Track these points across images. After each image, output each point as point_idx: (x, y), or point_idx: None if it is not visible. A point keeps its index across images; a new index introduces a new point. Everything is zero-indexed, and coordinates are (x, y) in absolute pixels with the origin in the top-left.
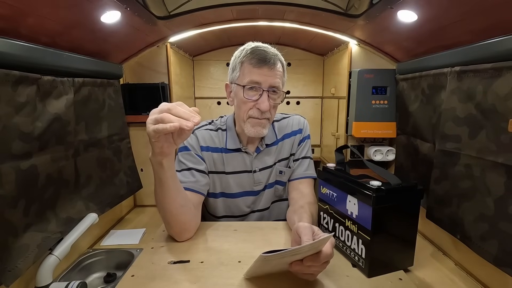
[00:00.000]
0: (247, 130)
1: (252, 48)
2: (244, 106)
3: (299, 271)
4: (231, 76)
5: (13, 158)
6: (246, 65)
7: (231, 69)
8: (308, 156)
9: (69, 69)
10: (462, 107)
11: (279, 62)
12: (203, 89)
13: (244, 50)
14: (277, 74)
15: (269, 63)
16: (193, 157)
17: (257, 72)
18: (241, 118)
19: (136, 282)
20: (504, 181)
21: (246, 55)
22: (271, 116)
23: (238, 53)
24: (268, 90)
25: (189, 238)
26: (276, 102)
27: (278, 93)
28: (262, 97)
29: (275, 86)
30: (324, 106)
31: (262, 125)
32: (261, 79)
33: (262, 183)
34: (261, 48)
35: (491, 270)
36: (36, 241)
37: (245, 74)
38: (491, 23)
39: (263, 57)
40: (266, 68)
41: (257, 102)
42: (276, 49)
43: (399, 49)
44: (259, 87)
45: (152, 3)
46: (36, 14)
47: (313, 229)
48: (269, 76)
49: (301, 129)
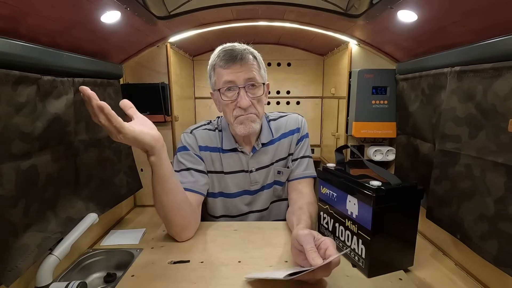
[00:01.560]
0: (238, 131)
1: (219, 51)
2: (227, 108)
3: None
4: (210, 84)
5: (13, 158)
6: (217, 69)
7: (208, 78)
8: (307, 155)
9: (69, 69)
10: (462, 107)
11: (250, 55)
12: (203, 89)
13: (213, 55)
14: (250, 68)
15: (237, 59)
16: (191, 157)
17: (227, 72)
18: (229, 121)
19: (136, 282)
20: (504, 181)
21: (215, 59)
22: (258, 111)
23: (210, 60)
24: (244, 86)
25: (189, 238)
26: (257, 95)
27: (257, 86)
28: (240, 94)
29: (250, 79)
30: (324, 106)
31: (250, 119)
32: (233, 77)
33: (259, 183)
34: (227, 48)
35: (491, 270)
36: (36, 241)
37: (218, 77)
38: (491, 23)
39: (230, 56)
40: (236, 65)
41: (237, 101)
42: (245, 44)
43: (399, 49)
44: (234, 86)
45: (152, 3)
46: (36, 14)
47: (313, 235)
48: (240, 72)
49: (299, 128)
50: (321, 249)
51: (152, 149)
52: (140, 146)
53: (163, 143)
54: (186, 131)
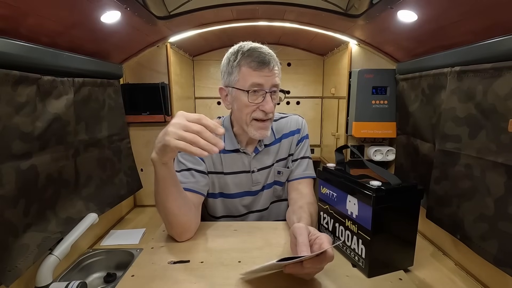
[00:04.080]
0: (251, 134)
1: (249, 50)
2: (247, 109)
3: (294, 273)
4: (227, 80)
5: (13, 158)
6: (245, 68)
7: (226, 73)
8: (306, 156)
9: (69, 69)
10: (462, 107)
11: (274, 60)
12: (203, 89)
13: (240, 53)
14: (276, 73)
15: (269, 63)
16: (192, 157)
17: (258, 75)
18: (244, 121)
19: (136, 282)
20: (504, 181)
21: (243, 58)
22: (274, 115)
23: (232, 57)
24: (270, 91)
25: (189, 238)
26: (277, 101)
27: (277, 92)
28: (265, 98)
29: (276, 85)
30: (324, 106)
31: (266, 128)
32: (263, 81)
33: (261, 183)
34: (257, 49)
35: (491, 270)
36: (36, 241)
37: (246, 78)
38: (491, 23)
39: (262, 59)
40: (266, 69)
41: (261, 104)
42: (268, 47)
43: (399, 49)
44: (261, 89)
45: (152, 3)
46: (36, 14)
47: (308, 229)
48: (270, 77)
49: (299, 129)
50: (316, 244)
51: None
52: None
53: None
54: None
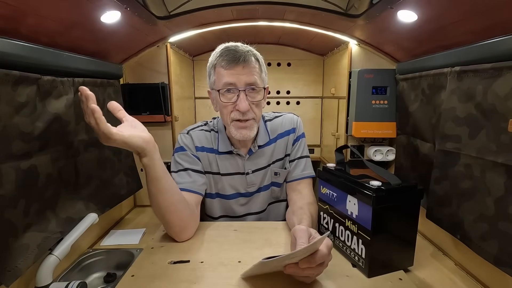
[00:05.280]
0: (233, 134)
1: (222, 50)
2: (225, 110)
3: (293, 273)
4: (209, 83)
5: (13, 158)
6: (218, 68)
7: (207, 76)
8: (304, 156)
9: (69, 69)
10: (462, 107)
11: (253, 57)
12: (203, 89)
13: (215, 54)
14: (252, 71)
15: (240, 61)
16: (189, 157)
17: (229, 73)
18: (226, 122)
19: (136, 282)
20: (504, 181)
21: (216, 58)
22: (256, 115)
23: (211, 58)
24: (244, 89)
25: (188, 238)
26: (256, 99)
27: (256, 90)
28: (239, 97)
29: (251, 83)
30: (324, 106)
31: (247, 128)
32: (234, 79)
33: (256, 184)
34: (230, 48)
35: (491, 270)
36: (36, 241)
37: (219, 77)
38: (491, 23)
39: (232, 57)
40: (239, 66)
41: (236, 104)
42: (248, 45)
43: (399, 49)
44: (234, 88)
45: (152, 3)
46: (36, 14)
47: (309, 232)
48: (242, 75)
49: (294, 128)
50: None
51: (144, 151)
52: (131, 149)
53: (154, 144)
54: (183, 132)
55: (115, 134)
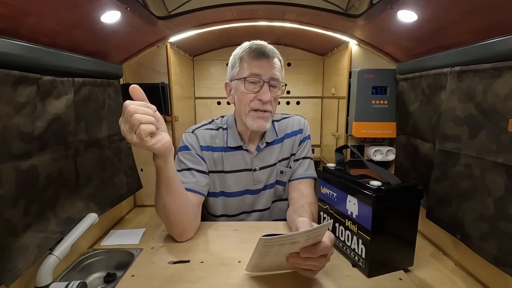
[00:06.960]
0: (249, 124)
1: (251, 44)
2: (245, 98)
3: (296, 264)
4: (230, 74)
5: (13, 158)
6: (245, 59)
7: (230, 67)
8: (308, 157)
9: (69, 69)
10: (462, 107)
11: (277, 57)
12: (203, 89)
13: (243, 47)
14: (276, 67)
15: (268, 55)
16: (193, 156)
17: (256, 64)
18: (243, 111)
19: (136, 282)
20: (504, 181)
21: (245, 51)
22: (273, 109)
23: (237, 51)
24: (268, 81)
25: (189, 238)
26: (277, 94)
27: (277, 86)
28: (263, 88)
29: (275, 77)
30: (324, 106)
31: (264, 119)
32: (261, 71)
33: (262, 182)
34: (259, 44)
35: (491, 270)
36: (36, 241)
37: (245, 67)
38: (491, 23)
39: (261, 51)
40: (265, 60)
41: (258, 94)
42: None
43: (399, 49)
44: (259, 79)
45: (152, 3)
46: (36, 14)
47: (311, 224)
48: (268, 68)
49: (302, 129)
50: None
51: (163, 153)
52: (155, 151)
53: (172, 146)
54: (187, 131)
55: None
